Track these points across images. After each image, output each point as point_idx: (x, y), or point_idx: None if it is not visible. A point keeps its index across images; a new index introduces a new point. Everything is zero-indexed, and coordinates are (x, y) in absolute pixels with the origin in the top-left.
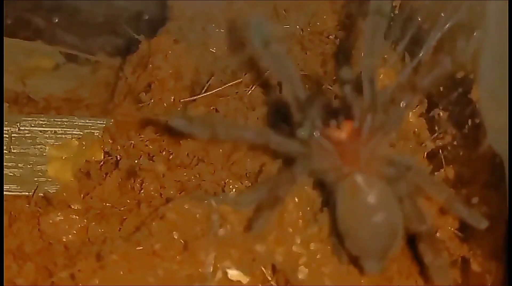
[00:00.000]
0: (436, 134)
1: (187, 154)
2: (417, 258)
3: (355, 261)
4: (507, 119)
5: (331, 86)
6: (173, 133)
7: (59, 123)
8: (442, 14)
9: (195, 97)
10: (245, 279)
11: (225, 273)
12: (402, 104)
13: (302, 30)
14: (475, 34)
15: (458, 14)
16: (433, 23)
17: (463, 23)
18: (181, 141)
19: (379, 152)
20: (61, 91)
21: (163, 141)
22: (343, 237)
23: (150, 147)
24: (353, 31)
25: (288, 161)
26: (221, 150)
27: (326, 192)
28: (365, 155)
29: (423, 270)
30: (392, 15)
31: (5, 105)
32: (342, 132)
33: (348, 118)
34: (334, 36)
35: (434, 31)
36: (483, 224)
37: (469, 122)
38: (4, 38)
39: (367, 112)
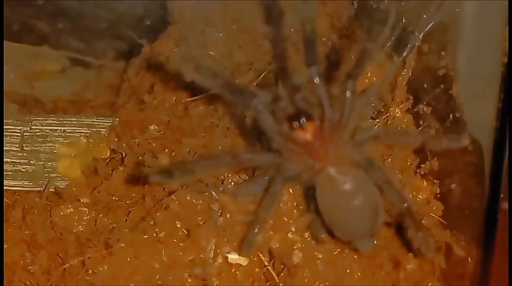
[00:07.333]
0: (421, 128)
1: (188, 151)
2: (406, 246)
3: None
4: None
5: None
6: (175, 132)
7: (68, 122)
8: (424, 15)
9: (195, 98)
10: (244, 261)
11: (225, 258)
12: (348, 93)
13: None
14: None
15: (437, 14)
16: (416, 24)
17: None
18: (182, 139)
19: (345, 144)
20: (67, 93)
21: (166, 139)
22: (331, 228)
23: (153, 145)
24: (345, 34)
25: None
26: (220, 147)
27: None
28: (332, 149)
29: (410, 250)
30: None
31: (15, 106)
32: (307, 132)
33: (308, 118)
34: (326, 38)
35: (417, 31)
36: (464, 140)
37: (451, 116)
38: (11, 43)
39: (324, 110)
